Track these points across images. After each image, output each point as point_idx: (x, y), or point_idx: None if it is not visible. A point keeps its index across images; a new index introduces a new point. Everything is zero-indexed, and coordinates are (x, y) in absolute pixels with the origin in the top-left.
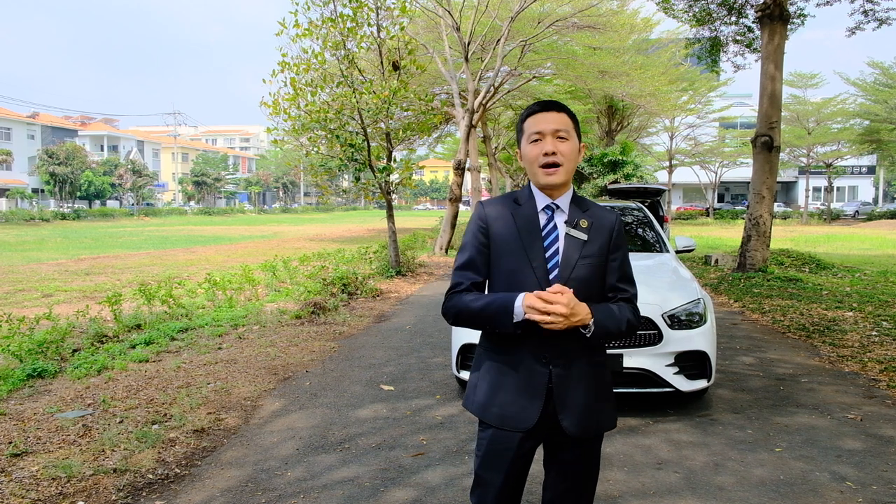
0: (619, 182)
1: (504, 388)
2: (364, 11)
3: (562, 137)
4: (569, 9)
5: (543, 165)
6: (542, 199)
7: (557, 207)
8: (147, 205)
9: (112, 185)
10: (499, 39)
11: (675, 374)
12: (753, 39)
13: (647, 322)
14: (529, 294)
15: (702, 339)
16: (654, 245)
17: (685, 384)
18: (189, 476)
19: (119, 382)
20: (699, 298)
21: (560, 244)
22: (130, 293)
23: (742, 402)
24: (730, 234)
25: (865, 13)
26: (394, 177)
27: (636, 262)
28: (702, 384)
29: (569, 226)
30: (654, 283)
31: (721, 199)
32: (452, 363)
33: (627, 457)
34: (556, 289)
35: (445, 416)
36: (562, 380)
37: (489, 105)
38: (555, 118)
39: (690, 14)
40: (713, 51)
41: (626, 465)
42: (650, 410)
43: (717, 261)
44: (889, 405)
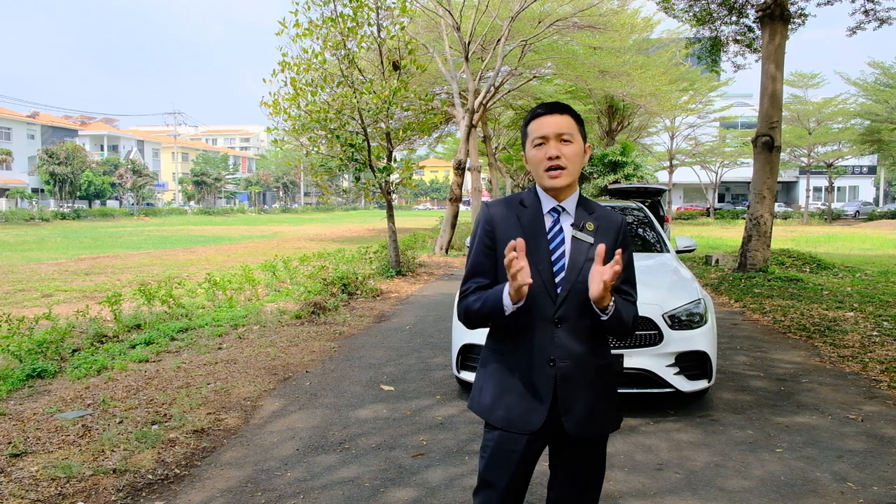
0: (620, 182)
1: (510, 390)
2: (364, 11)
3: (566, 140)
4: (569, 8)
5: (548, 169)
6: (548, 202)
7: (563, 210)
8: (147, 205)
9: (112, 185)
10: (499, 39)
11: (676, 375)
12: (754, 39)
13: (648, 322)
14: (507, 288)
15: (702, 340)
16: (655, 245)
17: (686, 384)
18: (189, 476)
19: (119, 382)
20: (700, 299)
21: (566, 247)
22: (130, 293)
23: (743, 403)
24: (730, 234)
25: (866, 13)
26: (394, 177)
27: (637, 263)
28: (702, 384)
29: (575, 228)
30: (655, 283)
31: (721, 199)
32: (453, 363)
33: (628, 457)
34: (509, 247)
35: (446, 417)
36: (567, 382)
37: (489, 105)
38: (558, 121)
39: (691, 14)
40: (713, 50)
41: (627, 466)
42: (651, 411)
43: (718, 261)
44: (890, 405)
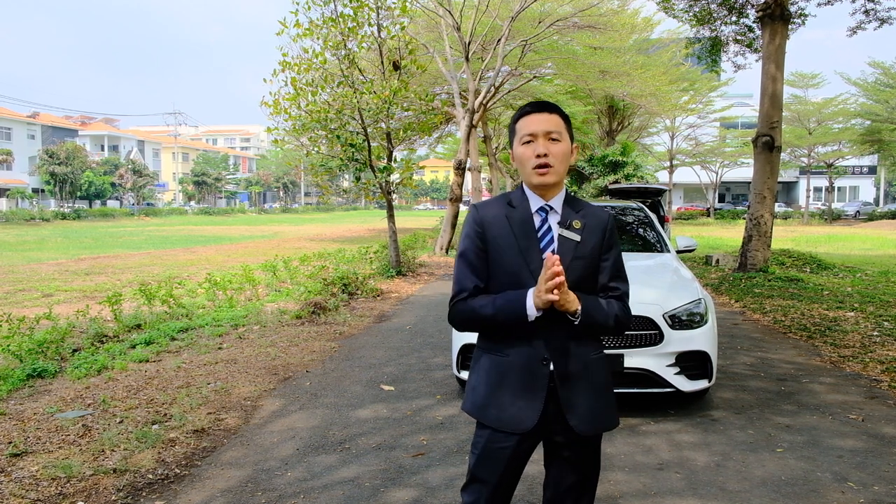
0: (620, 182)
1: (503, 389)
2: (365, 11)
3: (554, 139)
4: (569, 9)
5: (536, 167)
6: (536, 201)
7: (551, 209)
8: (147, 205)
9: (112, 185)
10: (499, 39)
11: (676, 375)
12: (754, 39)
13: (648, 322)
14: (534, 296)
15: (703, 340)
16: (655, 245)
17: (686, 384)
18: (189, 476)
19: (119, 382)
20: (700, 298)
21: (555, 246)
22: (130, 293)
23: (743, 403)
24: (730, 235)
25: (866, 13)
26: (394, 177)
27: (637, 263)
28: (703, 384)
29: (562, 227)
30: (655, 283)
31: (722, 199)
32: (453, 363)
33: (628, 457)
34: (549, 263)
35: (446, 417)
36: (564, 379)
37: (490, 105)
38: (547, 119)
39: (691, 14)
40: (714, 51)
41: (627, 466)
42: (651, 411)
43: (718, 261)
44: (890, 405)
